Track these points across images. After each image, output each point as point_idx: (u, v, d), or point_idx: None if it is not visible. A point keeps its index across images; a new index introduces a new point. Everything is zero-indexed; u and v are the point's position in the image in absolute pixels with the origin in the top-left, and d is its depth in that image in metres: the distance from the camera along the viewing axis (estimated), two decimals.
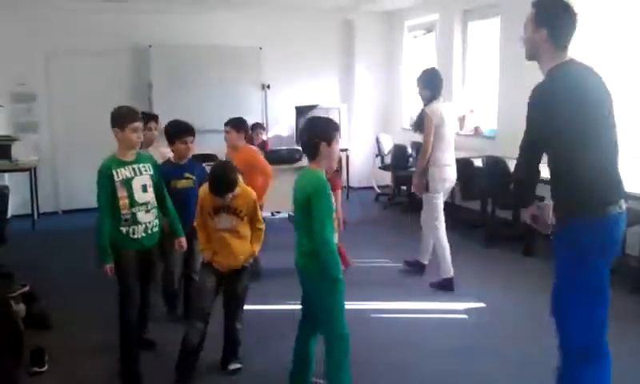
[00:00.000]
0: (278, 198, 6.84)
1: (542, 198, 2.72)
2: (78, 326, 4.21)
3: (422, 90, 4.86)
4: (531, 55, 2.64)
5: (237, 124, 4.96)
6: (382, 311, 4.46)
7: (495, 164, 5.93)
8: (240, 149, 4.94)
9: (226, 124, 4.98)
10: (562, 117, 2.42)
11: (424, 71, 4.95)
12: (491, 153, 6.33)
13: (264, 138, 7.86)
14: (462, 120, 7.87)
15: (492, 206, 6.33)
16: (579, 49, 3.33)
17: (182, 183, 3.99)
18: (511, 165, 5.79)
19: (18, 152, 7.33)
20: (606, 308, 2.52)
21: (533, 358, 3.59)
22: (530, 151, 2.59)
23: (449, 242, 4.88)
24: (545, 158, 2.57)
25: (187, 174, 4.02)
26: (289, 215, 7.18)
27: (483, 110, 7.75)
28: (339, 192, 5.06)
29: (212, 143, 6.75)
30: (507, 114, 6.93)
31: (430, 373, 3.48)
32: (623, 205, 2.50)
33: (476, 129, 7.68)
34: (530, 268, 5.40)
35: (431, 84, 4.83)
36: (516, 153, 2.63)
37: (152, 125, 4.71)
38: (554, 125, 2.43)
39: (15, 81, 7.71)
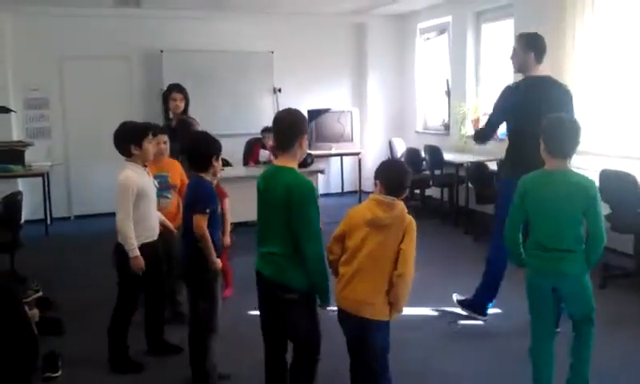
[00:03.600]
0: None
1: None
2: (91, 332, 4.18)
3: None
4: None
5: None
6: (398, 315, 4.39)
7: None
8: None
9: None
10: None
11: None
12: None
13: None
14: (475, 123, 7.79)
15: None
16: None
17: None
18: None
19: (32, 157, 7.38)
20: None
21: None
22: None
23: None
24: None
25: None
26: None
27: None
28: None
29: (224, 148, 6.70)
30: None
31: (445, 377, 3.43)
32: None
33: None
34: None
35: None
36: None
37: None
38: None
39: (29, 86, 7.78)
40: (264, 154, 7.23)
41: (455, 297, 4.49)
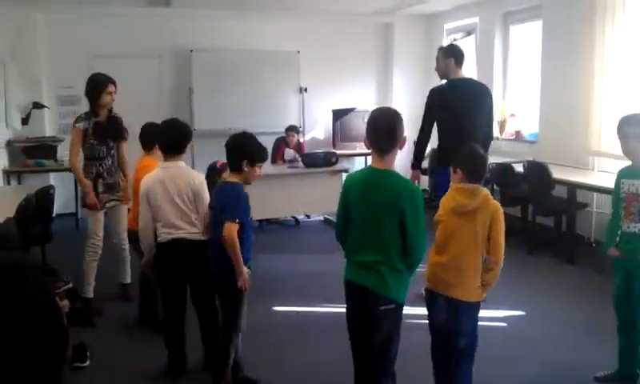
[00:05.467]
0: (314, 200, 6.84)
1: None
2: (119, 323, 4.29)
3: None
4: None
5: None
6: (420, 317, 4.39)
7: (536, 169, 5.80)
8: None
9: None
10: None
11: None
12: (532, 158, 6.19)
13: (301, 140, 7.91)
14: (502, 124, 7.74)
15: (533, 213, 6.20)
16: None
17: None
18: (553, 170, 5.68)
19: (64, 152, 7.54)
20: None
21: (572, 367, 3.50)
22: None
23: None
24: None
25: None
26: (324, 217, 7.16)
27: (524, 114, 7.60)
28: None
29: None
30: (549, 117, 6.77)
31: None
32: None
33: (517, 133, 7.54)
34: (571, 276, 5.26)
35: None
36: (558, 158, 2.64)
37: None
38: None
39: (61, 84, 7.95)
40: (289, 153, 7.31)
41: None
